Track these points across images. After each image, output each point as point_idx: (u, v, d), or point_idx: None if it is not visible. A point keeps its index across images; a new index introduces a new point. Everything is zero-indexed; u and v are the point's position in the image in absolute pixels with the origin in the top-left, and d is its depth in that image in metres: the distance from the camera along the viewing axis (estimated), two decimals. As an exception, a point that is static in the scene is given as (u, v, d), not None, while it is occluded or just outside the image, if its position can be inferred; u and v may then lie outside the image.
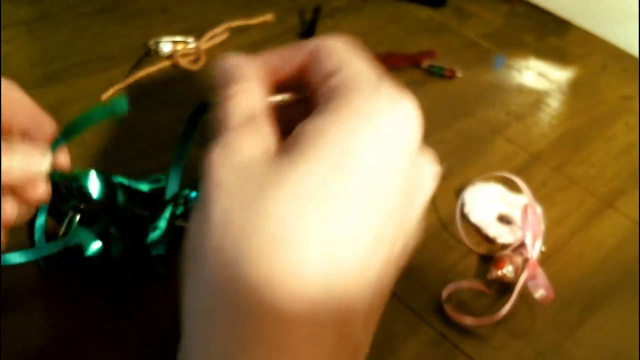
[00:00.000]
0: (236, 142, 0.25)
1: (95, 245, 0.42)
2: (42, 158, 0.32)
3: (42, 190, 0.32)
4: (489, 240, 0.52)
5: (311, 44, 0.29)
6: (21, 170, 0.31)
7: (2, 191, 0.32)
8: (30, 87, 0.36)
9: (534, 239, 0.48)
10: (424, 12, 0.79)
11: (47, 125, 0.34)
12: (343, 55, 0.28)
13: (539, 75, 0.72)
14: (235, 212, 0.23)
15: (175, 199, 0.42)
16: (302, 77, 0.30)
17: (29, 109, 0.35)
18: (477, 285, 0.47)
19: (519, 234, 0.50)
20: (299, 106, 0.30)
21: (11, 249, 0.41)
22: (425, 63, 0.69)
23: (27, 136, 0.34)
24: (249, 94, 0.28)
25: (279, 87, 0.31)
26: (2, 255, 0.41)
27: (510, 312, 0.44)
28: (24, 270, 0.44)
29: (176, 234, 0.44)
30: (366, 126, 0.25)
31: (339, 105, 0.25)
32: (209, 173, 0.24)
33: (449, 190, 0.55)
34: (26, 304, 0.42)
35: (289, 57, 0.30)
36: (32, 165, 0.32)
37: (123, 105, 0.30)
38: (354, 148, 0.24)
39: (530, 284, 0.46)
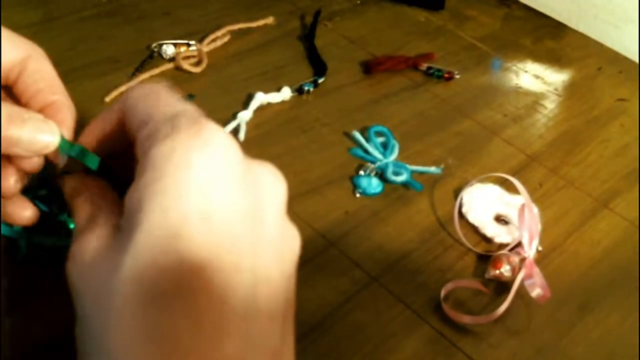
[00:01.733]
0: (79, 249, 0.27)
1: None
2: (52, 137, 0.31)
3: (39, 164, 0.32)
4: (487, 240, 0.52)
5: (118, 102, 0.30)
6: (28, 144, 0.30)
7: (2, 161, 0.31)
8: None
9: (531, 238, 0.48)
10: (422, 15, 0.80)
11: (66, 110, 0.33)
12: (148, 105, 0.28)
13: (535, 78, 0.72)
14: (92, 321, 0.25)
15: None
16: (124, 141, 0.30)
17: (54, 84, 0.34)
18: (474, 284, 0.48)
19: (516, 234, 0.51)
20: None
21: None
22: (424, 65, 0.69)
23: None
24: (87, 201, 0.30)
25: (113, 147, 0.31)
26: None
27: (508, 311, 0.45)
28: (24, 269, 0.44)
29: None
30: (173, 173, 0.25)
31: (144, 166, 0.25)
32: (69, 284, 0.27)
33: (447, 191, 0.56)
34: (27, 303, 0.42)
35: (106, 121, 0.31)
36: (40, 142, 0.30)
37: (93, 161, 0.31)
38: (170, 203, 0.24)
39: (527, 283, 0.46)
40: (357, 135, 0.59)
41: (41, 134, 0.30)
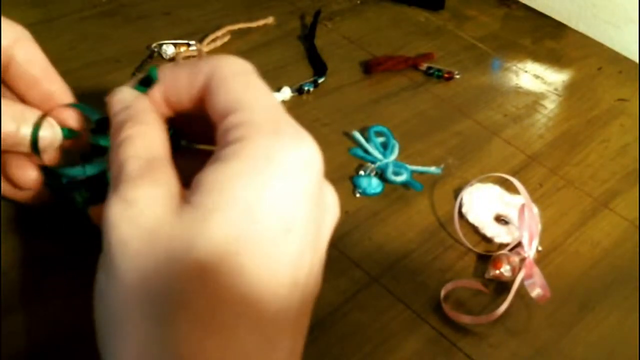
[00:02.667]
0: (137, 199, 0.24)
1: None
2: (55, 135, 0.30)
3: (55, 157, 0.31)
4: (487, 240, 0.52)
5: (206, 66, 0.27)
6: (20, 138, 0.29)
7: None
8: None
9: (531, 238, 0.48)
10: (422, 15, 0.80)
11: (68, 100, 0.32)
12: (239, 89, 0.27)
13: (535, 78, 0.72)
14: (143, 279, 0.23)
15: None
16: (199, 107, 0.28)
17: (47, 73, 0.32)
18: (474, 284, 0.48)
19: (516, 234, 0.51)
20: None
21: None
22: (424, 65, 0.69)
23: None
24: (145, 136, 0.27)
25: (176, 115, 0.30)
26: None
27: (508, 311, 0.45)
28: (24, 269, 0.44)
29: None
30: (268, 174, 0.24)
31: (238, 153, 0.24)
32: (110, 230, 0.24)
33: (447, 191, 0.56)
34: (28, 302, 0.42)
35: (185, 83, 0.28)
36: (44, 141, 0.30)
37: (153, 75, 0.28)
38: (258, 199, 0.23)
39: (527, 283, 0.46)
40: (357, 135, 0.59)
41: (44, 133, 0.30)
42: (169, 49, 0.65)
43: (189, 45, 0.67)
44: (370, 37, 0.74)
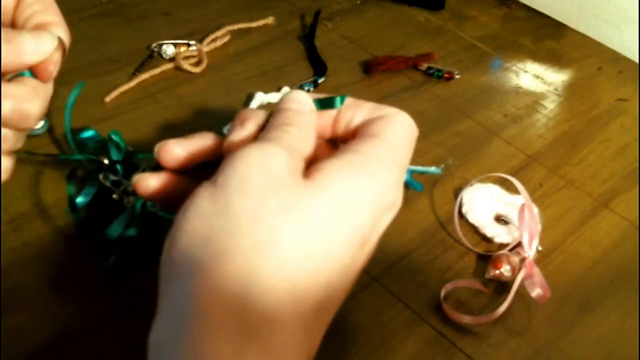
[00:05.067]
0: (275, 154, 0.28)
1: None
2: (52, 39, 0.32)
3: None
4: (487, 240, 0.52)
5: (388, 115, 0.32)
6: (35, 47, 0.31)
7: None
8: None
9: (531, 238, 0.48)
10: (422, 15, 0.80)
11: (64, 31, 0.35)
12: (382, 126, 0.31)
13: (535, 78, 0.72)
14: (259, 217, 0.26)
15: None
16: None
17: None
18: (474, 284, 0.48)
19: (516, 234, 0.51)
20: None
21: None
22: (424, 65, 0.69)
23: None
24: (302, 132, 0.31)
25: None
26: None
27: (508, 311, 0.45)
28: (25, 269, 0.44)
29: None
30: (367, 181, 0.29)
31: (353, 158, 0.29)
32: (239, 166, 0.27)
33: (448, 191, 0.56)
34: (29, 302, 0.42)
35: (354, 120, 0.33)
36: (43, 44, 0.32)
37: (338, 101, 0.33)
38: (353, 197, 0.28)
39: (527, 283, 0.46)
40: (357, 135, 0.59)
41: (41, 37, 0.31)
42: (169, 49, 0.65)
43: (189, 45, 0.67)
44: (370, 37, 0.74)
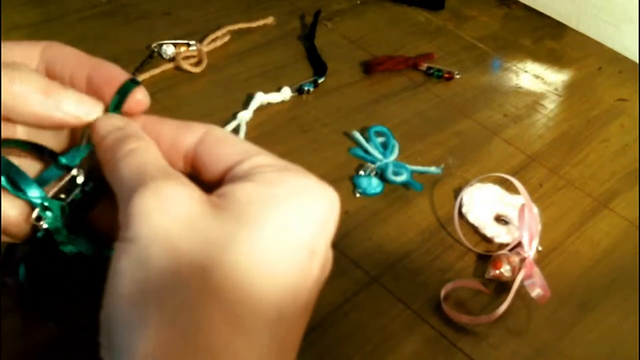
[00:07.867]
0: (172, 194, 0.24)
1: None
2: (95, 105, 0.29)
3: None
4: (487, 240, 0.52)
5: (199, 129, 0.29)
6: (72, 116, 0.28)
7: None
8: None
9: (531, 238, 0.48)
10: (423, 15, 0.80)
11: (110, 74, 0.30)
12: (241, 144, 0.28)
13: (535, 78, 0.73)
14: (176, 266, 0.23)
15: None
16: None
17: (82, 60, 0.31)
18: (474, 284, 0.48)
19: (516, 234, 0.51)
20: None
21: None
22: (424, 65, 0.69)
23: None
24: (153, 149, 0.27)
25: None
26: None
27: (508, 311, 0.45)
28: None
29: None
30: (301, 202, 0.25)
31: (272, 180, 0.26)
32: (141, 221, 0.24)
33: (447, 191, 0.56)
34: (28, 302, 0.42)
35: (170, 139, 0.29)
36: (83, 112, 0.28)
37: None
38: (291, 221, 0.25)
39: (527, 283, 0.46)
40: (357, 135, 0.59)
41: (84, 101, 0.29)
42: (169, 49, 0.65)
43: (189, 45, 0.67)
44: (370, 37, 0.74)
